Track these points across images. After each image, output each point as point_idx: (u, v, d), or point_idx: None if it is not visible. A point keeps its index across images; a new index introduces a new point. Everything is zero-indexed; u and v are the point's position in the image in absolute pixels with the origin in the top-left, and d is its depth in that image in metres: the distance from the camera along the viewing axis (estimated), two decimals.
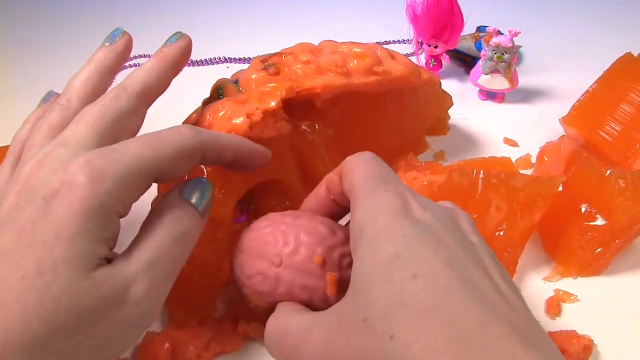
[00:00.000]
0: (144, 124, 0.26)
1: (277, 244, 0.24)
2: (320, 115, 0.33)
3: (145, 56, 0.61)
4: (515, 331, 0.17)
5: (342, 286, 0.23)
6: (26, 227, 0.19)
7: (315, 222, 0.24)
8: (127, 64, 0.60)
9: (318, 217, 0.25)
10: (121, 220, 0.22)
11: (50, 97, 0.29)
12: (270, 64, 0.32)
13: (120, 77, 0.26)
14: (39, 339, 0.18)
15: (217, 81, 0.33)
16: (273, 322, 0.23)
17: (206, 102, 0.32)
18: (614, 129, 0.40)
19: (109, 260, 0.21)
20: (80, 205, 0.20)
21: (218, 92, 0.32)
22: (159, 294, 0.22)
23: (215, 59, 0.60)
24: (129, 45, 0.29)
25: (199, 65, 0.59)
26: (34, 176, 0.21)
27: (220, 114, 0.29)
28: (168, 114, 0.35)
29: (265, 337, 0.23)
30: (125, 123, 0.24)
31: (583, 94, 0.42)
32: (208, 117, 0.29)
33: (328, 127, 0.34)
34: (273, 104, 0.29)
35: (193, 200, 0.24)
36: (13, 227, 0.20)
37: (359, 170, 0.23)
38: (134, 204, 0.22)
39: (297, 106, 0.31)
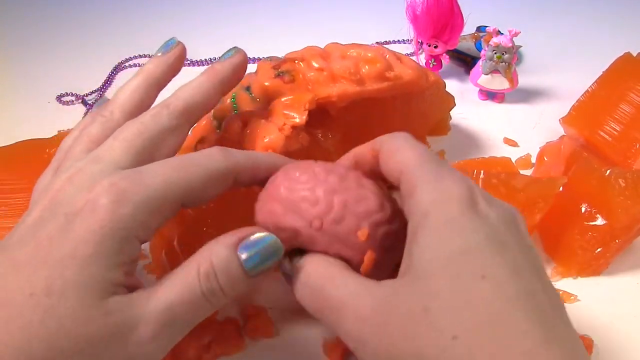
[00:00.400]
0: None
1: (319, 205, 0.21)
2: (333, 122, 0.33)
3: (145, 56, 0.61)
4: (574, 353, 0.17)
5: (377, 265, 0.22)
6: (44, 242, 0.19)
7: (364, 190, 0.22)
8: (127, 64, 0.60)
9: (366, 182, 0.23)
10: None
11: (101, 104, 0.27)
12: (284, 71, 0.32)
13: (122, 77, 0.26)
14: (38, 359, 0.18)
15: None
16: (317, 270, 0.21)
17: (219, 111, 0.32)
18: (614, 129, 0.40)
19: (128, 288, 0.20)
20: (99, 227, 0.19)
21: (232, 101, 0.32)
22: (166, 345, 0.21)
23: (215, 59, 0.60)
24: (181, 57, 0.27)
25: (199, 65, 0.59)
26: (62, 192, 0.21)
27: (248, 131, 0.29)
28: None
29: (300, 281, 0.21)
30: (164, 142, 0.23)
31: (583, 94, 0.42)
32: (234, 131, 0.29)
33: (339, 132, 0.34)
34: (301, 118, 0.29)
35: (245, 258, 0.21)
36: (32, 241, 0.19)
37: (409, 151, 0.22)
38: None
39: (310, 114, 0.31)
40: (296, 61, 0.33)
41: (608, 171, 0.32)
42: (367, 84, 0.33)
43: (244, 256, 0.21)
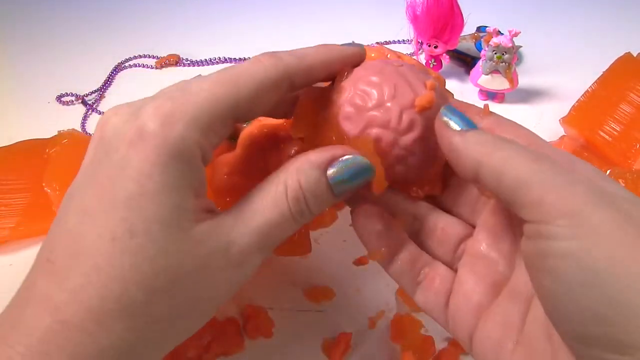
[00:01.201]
0: None
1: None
2: None
3: (145, 56, 0.61)
4: None
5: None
6: (105, 183, 0.18)
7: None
8: (127, 64, 0.60)
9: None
10: None
11: None
12: None
13: (122, 77, 0.26)
14: (138, 304, 0.17)
15: None
16: None
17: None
18: (614, 129, 0.40)
19: (207, 210, 0.19)
20: (155, 155, 0.18)
21: None
22: (258, 263, 0.20)
23: (215, 59, 0.60)
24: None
25: (199, 65, 0.59)
26: (109, 125, 0.19)
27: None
28: None
29: None
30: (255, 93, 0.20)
31: (583, 94, 0.42)
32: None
33: None
34: None
35: (334, 180, 0.20)
36: (93, 184, 0.18)
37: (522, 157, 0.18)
38: None
39: None
40: None
41: (608, 171, 0.32)
42: None
43: (332, 177, 0.20)
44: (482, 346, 0.20)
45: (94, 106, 0.53)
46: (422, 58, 0.54)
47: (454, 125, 0.20)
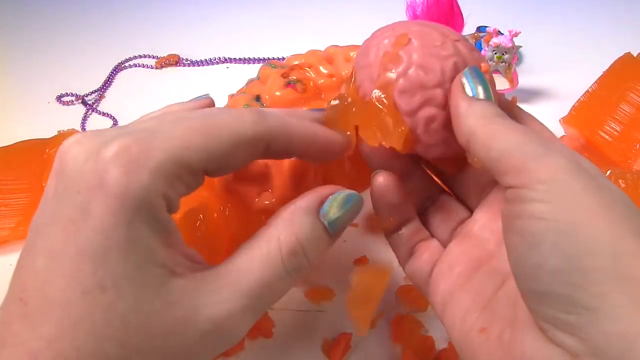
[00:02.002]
0: None
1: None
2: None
3: (145, 56, 0.61)
4: None
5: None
6: (69, 228, 0.17)
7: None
8: (127, 64, 0.60)
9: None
10: None
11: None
12: (295, 80, 0.32)
13: (122, 77, 0.26)
14: (113, 359, 0.17)
15: (234, 98, 0.32)
16: None
17: None
18: (614, 129, 0.40)
19: (187, 262, 0.18)
20: (118, 207, 0.17)
21: None
22: (249, 326, 0.19)
23: (215, 59, 0.60)
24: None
25: (198, 66, 0.59)
26: (69, 157, 0.18)
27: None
28: None
29: None
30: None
31: (583, 94, 0.42)
32: None
33: None
34: None
35: (327, 221, 0.20)
36: (57, 225, 0.17)
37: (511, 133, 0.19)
38: None
39: None
40: (306, 68, 0.33)
41: (608, 171, 0.32)
42: None
43: (327, 218, 0.20)
44: (452, 312, 0.21)
45: (94, 106, 0.53)
46: None
47: (468, 90, 0.20)
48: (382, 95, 0.21)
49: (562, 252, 0.16)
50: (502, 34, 0.47)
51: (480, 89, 0.20)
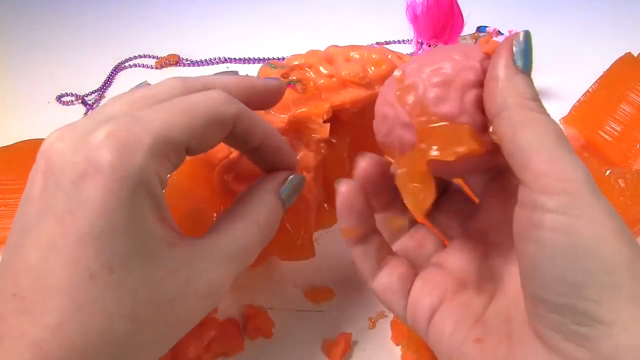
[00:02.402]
0: None
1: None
2: (343, 126, 0.33)
3: (145, 56, 0.61)
4: None
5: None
6: (66, 217, 0.17)
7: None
8: (127, 64, 0.60)
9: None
10: None
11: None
12: (294, 80, 0.32)
13: (122, 77, 0.26)
14: (123, 335, 0.18)
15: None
16: None
17: None
18: (614, 129, 0.40)
19: (176, 233, 0.20)
20: (119, 189, 0.18)
21: None
22: (229, 286, 0.22)
23: (215, 59, 0.60)
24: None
25: (198, 66, 0.59)
26: (53, 152, 0.19)
27: None
28: None
29: None
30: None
31: (583, 94, 0.42)
32: None
33: (348, 136, 0.34)
34: (324, 132, 0.29)
35: (284, 197, 0.24)
36: (51, 217, 0.18)
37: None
38: None
39: (325, 122, 0.31)
40: (306, 68, 0.33)
41: (608, 171, 0.32)
42: (376, 87, 0.33)
43: (283, 195, 0.24)
44: (440, 325, 0.21)
45: (94, 106, 0.53)
46: None
47: (517, 58, 0.20)
48: (424, 119, 0.20)
49: (582, 268, 0.16)
50: (502, 34, 0.47)
51: (524, 60, 0.20)
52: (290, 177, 0.25)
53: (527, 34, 0.20)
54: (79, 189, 0.18)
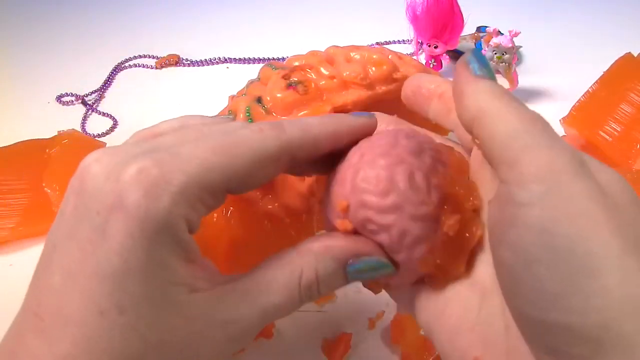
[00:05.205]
0: None
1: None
2: None
3: (145, 56, 0.61)
4: None
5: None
6: (87, 247, 0.17)
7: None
8: (127, 64, 0.60)
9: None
10: None
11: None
12: (296, 82, 0.32)
13: (122, 77, 0.26)
14: None
15: (235, 99, 0.32)
16: None
17: None
18: (614, 129, 0.40)
19: (205, 274, 0.19)
20: (138, 230, 0.17)
21: (247, 115, 0.31)
22: (255, 335, 0.20)
23: (215, 59, 0.60)
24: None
25: (199, 65, 0.59)
26: (90, 174, 0.18)
27: None
28: (167, 115, 0.34)
29: None
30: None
31: (583, 95, 0.42)
32: None
33: None
34: None
35: (351, 275, 0.20)
36: (75, 243, 0.17)
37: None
38: None
39: None
40: (307, 69, 0.33)
41: None
42: (377, 87, 0.33)
43: (351, 273, 0.20)
44: (439, 332, 0.20)
45: (94, 106, 0.53)
46: (422, 58, 0.54)
47: (474, 69, 0.18)
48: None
49: (560, 273, 0.14)
50: (502, 34, 0.47)
51: (485, 71, 0.18)
52: (370, 258, 0.19)
53: (474, 51, 0.19)
54: (103, 221, 0.17)
